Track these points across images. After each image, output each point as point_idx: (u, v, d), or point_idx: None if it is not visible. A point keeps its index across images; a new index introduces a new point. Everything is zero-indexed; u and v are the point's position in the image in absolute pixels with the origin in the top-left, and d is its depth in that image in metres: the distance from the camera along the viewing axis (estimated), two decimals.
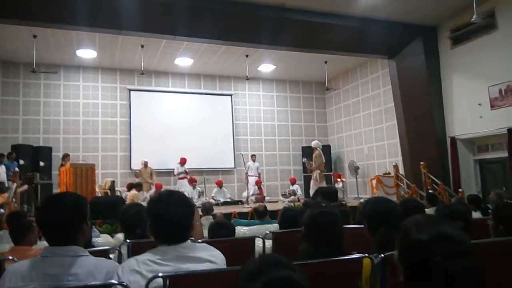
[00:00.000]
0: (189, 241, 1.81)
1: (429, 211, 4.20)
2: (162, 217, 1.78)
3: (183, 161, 11.64)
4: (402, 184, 10.00)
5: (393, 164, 10.42)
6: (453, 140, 9.65)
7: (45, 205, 1.80)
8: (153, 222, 1.82)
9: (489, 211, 5.18)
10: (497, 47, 8.61)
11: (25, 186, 8.43)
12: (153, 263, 1.70)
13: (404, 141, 10.61)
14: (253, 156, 12.72)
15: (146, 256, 1.75)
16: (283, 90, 14.80)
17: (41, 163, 10.99)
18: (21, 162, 10.32)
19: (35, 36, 9.84)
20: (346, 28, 9.08)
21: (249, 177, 11.82)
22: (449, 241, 1.03)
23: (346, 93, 14.20)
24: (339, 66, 13.37)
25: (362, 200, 8.20)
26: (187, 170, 11.62)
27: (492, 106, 8.78)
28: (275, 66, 13.14)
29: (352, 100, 13.88)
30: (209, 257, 1.81)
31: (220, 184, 11.69)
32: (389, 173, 10.86)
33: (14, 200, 7.43)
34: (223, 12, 8.29)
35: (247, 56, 11.86)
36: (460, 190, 8.84)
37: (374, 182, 10.35)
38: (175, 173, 11.74)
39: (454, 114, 9.71)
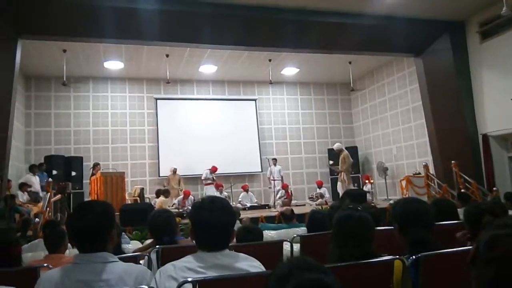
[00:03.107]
0: (227, 250, 1.79)
1: (461, 211, 4.05)
2: (204, 223, 1.77)
3: (214, 169, 11.67)
4: (433, 184, 9.72)
5: (423, 163, 10.15)
6: (485, 137, 9.33)
7: (74, 213, 1.84)
8: (195, 228, 1.81)
9: None
10: None
11: (58, 196, 8.68)
12: (190, 270, 1.70)
13: (433, 140, 10.33)
14: (274, 159, 12.62)
15: (184, 263, 1.74)
16: (307, 93, 14.72)
17: (73, 173, 11.32)
18: (54, 172, 10.65)
19: (64, 51, 10.18)
20: (369, 27, 8.95)
21: (272, 181, 11.79)
22: None
23: (372, 93, 13.98)
24: (364, 66, 13.19)
25: (391, 202, 8.04)
26: (214, 178, 11.68)
27: None
28: (298, 69, 13.08)
29: (379, 100, 13.65)
30: (248, 268, 1.77)
31: (246, 189, 11.70)
32: (419, 173, 10.58)
33: (48, 209, 7.66)
34: (245, 18, 8.33)
35: (270, 60, 11.87)
36: (494, 189, 8.51)
37: (403, 183, 10.09)
38: (203, 178, 11.82)
39: (485, 111, 9.39)
